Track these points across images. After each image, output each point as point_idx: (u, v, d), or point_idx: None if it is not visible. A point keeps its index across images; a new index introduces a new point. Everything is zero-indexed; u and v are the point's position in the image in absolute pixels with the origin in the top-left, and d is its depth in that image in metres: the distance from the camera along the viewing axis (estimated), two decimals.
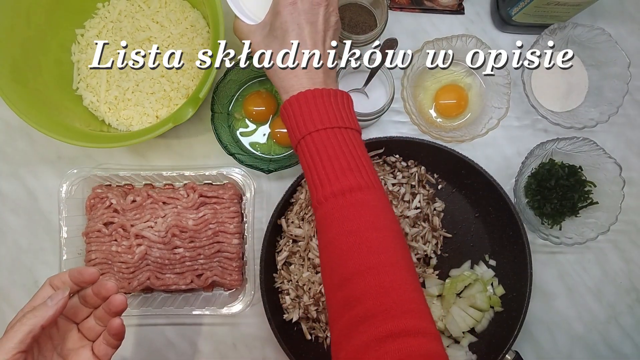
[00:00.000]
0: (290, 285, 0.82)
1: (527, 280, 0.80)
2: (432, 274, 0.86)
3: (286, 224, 0.82)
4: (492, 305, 0.84)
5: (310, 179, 0.60)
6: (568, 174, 0.85)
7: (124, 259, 0.83)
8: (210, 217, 0.84)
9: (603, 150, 0.83)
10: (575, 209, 0.86)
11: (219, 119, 0.84)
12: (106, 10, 0.90)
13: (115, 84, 0.88)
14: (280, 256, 0.83)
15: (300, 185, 0.82)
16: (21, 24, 0.79)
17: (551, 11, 0.84)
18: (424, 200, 0.85)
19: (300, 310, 0.81)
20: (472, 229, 0.88)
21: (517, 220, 0.81)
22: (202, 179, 0.86)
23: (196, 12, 0.90)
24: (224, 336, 0.88)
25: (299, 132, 0.61)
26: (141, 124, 0.88)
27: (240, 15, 0.76)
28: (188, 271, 0.84)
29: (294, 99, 0.61)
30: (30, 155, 0.91)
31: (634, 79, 0.85)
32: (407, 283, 0.53)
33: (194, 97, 0.74)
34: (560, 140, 0.84)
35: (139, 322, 0.88)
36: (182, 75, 0.87)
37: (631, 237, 0.91)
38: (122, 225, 0.83)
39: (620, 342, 0.90)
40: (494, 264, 0.87)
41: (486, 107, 0.88)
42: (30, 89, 0.79)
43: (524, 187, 0.88)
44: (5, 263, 0.89)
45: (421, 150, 0.84)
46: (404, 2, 0.93)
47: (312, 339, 0.84)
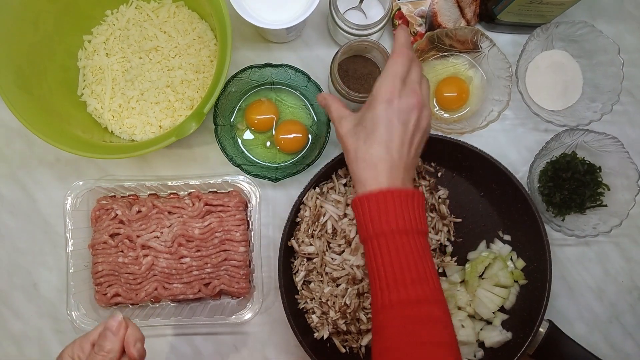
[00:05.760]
0: (314, 304, 0.81)
1: (545, 248, 0.79)
2: (450, 261, 0.85)
3: (297, 244, 0.81)
4: (516, 279, 0.84)
5: (377, 280, 0.61)
6: (586, 171, 0.85)
7: (131, 270, 0.83)
8: (216, 226, 0.84)
9: (628, 154, 0.82)
10: (583, 206, 0.86)
11: (223, 132, 0.83)
12: (114, 17, 0.89)
13: (120, 92, 0.88)
14: (298, 277, 0.82)
15: (303, 203, 0.82)
16: (29, 30, 0.78)
17: (535, 10, 0.84)
18: (427, 191, 0.84)
19: (330, 326, 0.80)
20: (480, 209, 0.88)
21: (522, 191, 0.80)
22: (207, 187, 0.86)
23: (204, 24, 0.89)
24: (225, 338, 0.88)
25: (372, 229, 0.62)
26: (144, 133, 0.87)
27: (247, 18, 0.77)
28: (195, 280, 0.84)
29: (371, 197, 0.62)
30: (28, 157, 0.90)
31: (634, 78, 0.85)
32: None
33: (198, 112, 0.73)
34: (590, 132, 0.83)
35: (147, 334, 0.87)
36: (187, 86, 0.87)
37: (633, 236, 0.91)
38: (128, 236, 0.83)
39: (622, 341, 0.90)
40: (509, 239, 0.86)
41: (487, 100, 0.87)
42: (34, 95, 0.79)
43: (540, 171, 0.88)
44: (4, 265, 0.89)
45: None
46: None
47: (347, 351, 0.83)
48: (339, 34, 0.85)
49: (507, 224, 0.87)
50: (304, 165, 0.82)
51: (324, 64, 0.91)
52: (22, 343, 0.88)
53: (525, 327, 0.80)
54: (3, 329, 0.88)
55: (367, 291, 0.80)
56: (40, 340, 0.88)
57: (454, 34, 0.86)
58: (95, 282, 0.84)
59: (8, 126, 0.90)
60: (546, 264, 0.80)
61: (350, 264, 0.79)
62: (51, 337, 0.88)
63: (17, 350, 0.88)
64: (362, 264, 0.78)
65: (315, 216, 0.81)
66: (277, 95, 0.89)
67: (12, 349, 0.88)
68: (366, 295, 0.80)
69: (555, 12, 0.86)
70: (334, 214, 0.80)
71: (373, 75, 0.84)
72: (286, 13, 0.80)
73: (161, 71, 0.87)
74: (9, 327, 0.88)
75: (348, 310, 0.79)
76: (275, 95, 0.89)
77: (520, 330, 0.82)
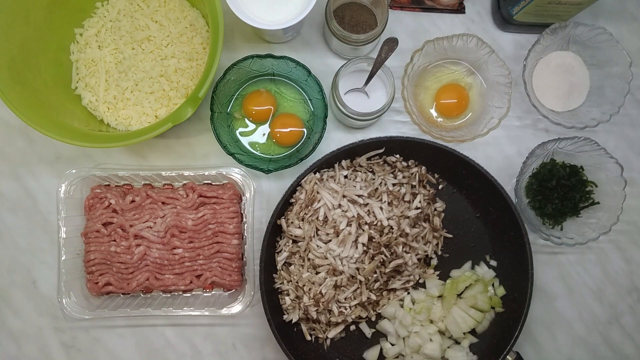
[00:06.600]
0: (290, 286, 0.82)
1: (528, 280, 0.80)
2: (432, 274, 0.86)
3: (286, 224, 0.82)
4: (493, 305, 0.84)
5: None
6: (569, 174, 0.85)
7: (123, 259, 0.83)
8: (209, 218, 0.83)
9: (604, 150, 0.83)
10: (576, 209, 0.85)
11: (219, 119, 0.83)
12: (105, 9, 0.90)
13: (114, 84, 0.88)
14: (280, 256, 0.82)
15: (300, 185, 0.82)
16: (20, 23, 0.78)
17: (552, 10, 0.84)
18: (424, 201, 0.85)
19: (300, 311, 0.81)
20: (473, 229, 0.88)
21: (518, 221, 0.80)
22: (202, 179, 0.86)
23: (195, 11, 0.89)
24: (224, 337, 0.88)
25: None
26: (140, 123, 0.87)
27: (244, 18, 0.76)
28: (187, 272, 0.84)
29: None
30: (29, 155, 0.90)
31: (635, 79, 0.85)
32: None
33: (193, 96, 0.73)
34: (562, 140, 0.84)
35: (138, 323, 0.88)
36: (181, 74, 0.87)
37: (632, 237, 0.91)
38: (121, 225, 0.83)
39: (621, 342, 0.89)
40: (494, 265, 0.87)
41: (487, 107, 0.87)
42: (29, 88, 0.79)
43: (525, 187, 0.88)
44: (4, 263, 0.89)
45: (422, 150, 0.84)
46: (405, 1, 0.92)
47: (312, 339, 0.84)
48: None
49: (496, 250, 0.87)
50: (297, 159, 0.82)
51: (324, 63, 0.91)
52: (21, 341, 0.88)
53: (492, 354, 0.81)
54: (2, 327, 0.88)
55: (345, 285, 0.80)
56: (40, 338, 0.88)
57: None
58: (87, 270, 0.84)
59: (8, 124, 0.90)
60: (526, 297, 0.80)
61: (334, 254, 0.79)
62: (50, 335, 0.88)
63: (16, 348, 0.88)
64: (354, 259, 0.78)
65: (310, 200, 0.81)
66: (277, 87, 0.89)
67: (11, 346, 0.88)
68: (342, 288, 0.80)
69: (572, 12, 0.86)
70: (328, 202, 0.80)
71: (368, 23, 0.85)
72: (283, 14, 0.80)
73: (154, 61, 0.87)
74: (8, 325, 0.88)
75: (322, 300, 0.79)
76: (274, 87, 0.89)
77: (486, 356, 0.82)
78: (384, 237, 0.79)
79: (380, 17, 0.84)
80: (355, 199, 0.80)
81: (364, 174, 0.84)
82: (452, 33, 0.85)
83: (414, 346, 0.82)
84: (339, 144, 0.82)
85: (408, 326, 0.82)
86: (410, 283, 0.84)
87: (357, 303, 0.81)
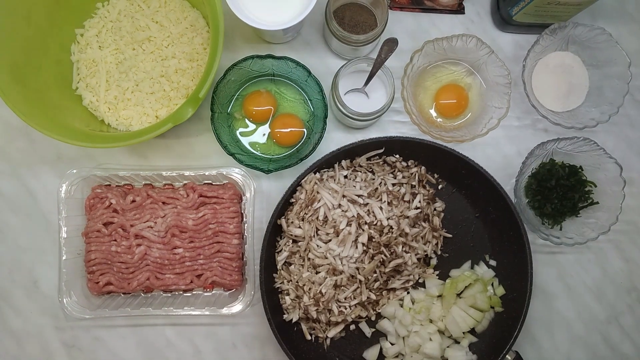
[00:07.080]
0: (290, 286, 0.82)
1: (528, 280, 0.80)
2: (432, 274, 0.86)
3: (286, 223, 0.82)
4: (493, 305, 0.84)
5: None
6: (568, 174, 0.85)
7: (124, 259, 0.83)
8: (210, 217, 0.84)
9: (603, 150, 0.83)
10: (575, 209, 0.85)
11: (219, 119, 0.83)
12: (106, 10, 0.90)
13: (114, 84, 0.88)
14: (280, 256, 0.83)
15: (300, 185, 0.82)
16: (21, 23, 0.79)
17: (551, 11, 0.84)
18: (424, 200, 0.85)
19: (300, 311, 0.81)
20: (473, 229, 0.88)
21: (518, 221, 0.81)
22: (202, 179, 0.86)
23: (196, 12, 0.89)
24: (224, 336, 0.88)
25: None
26: (141, 124, 0.87)
27: (244, 19, 0.77)
28: (188, 271, 0.84)
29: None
30: (30, 155, 0.91)
31: (634, 79, 0.85)
32: None
33: (194, 96, 0.73)
34: (561, 140, 0.84)
35: (138, 323, 0.88)
36: (181, 75, 0.87)
37: (631, 237, 0.91)
38: (121, 225, 0.83)
39: (620, 342, 0.90)
40: (494, 264, 0.87)
41: (486, 107, 0.87)
42: (30, 89, 0.79)
43: (524, 187, 0.88)
44: (5, 262, 0.89)
45: (421, 150, 0.84)
46: (404, 2, 0.93)
47: (312, 339, 0.84)
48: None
49: (496, 250, 0.87)
50: (297, 159, 0.82)
51: (324, 63, 0.92)
52: (22, 340, 0.88)
53: (491, 353, 0.81)
54: (3, 326, 0.88)
55: (344, 284, 0.80)
56: (40, 337, 0.88)
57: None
58: (88, 270, 0.84)
59: (10, 124, 0.91)
60: (525, 296, 0.80)
61: (334, 254, 0.79)
62: (51, 335, 0.88)
63: (17, 347, 0.88)
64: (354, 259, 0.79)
65: (310, 200, 0.81)
66: (277, 88, 0.89)
67: (12, 346, 0.88)
68: (342, 288, 0.80)
69: (572, 13, 0.86)
70: (328, 202, 0.80)
71: (368, 23, 0.85)
72: (283, 14, 0.80)
73: (155, 61, 0.87)
74: (9, 324, 0.88)
75: (322, 299, 0.80)
76: (274, 88, 0.89)
77: (485, 356, 0.83)
78: (383, 237, 0.80)
79: (380, 17, 0.84)
80: (355, 199, 0.81)
81: (364, 174, 0.84)
82: (452, 33, 0.85)
83: (413, 346, 0.82)
84: (339, 144, 0.83)
85: (408, 326, 0.83)
86: (410, 283, 0.85)
87: (357, 303, 0.82)
